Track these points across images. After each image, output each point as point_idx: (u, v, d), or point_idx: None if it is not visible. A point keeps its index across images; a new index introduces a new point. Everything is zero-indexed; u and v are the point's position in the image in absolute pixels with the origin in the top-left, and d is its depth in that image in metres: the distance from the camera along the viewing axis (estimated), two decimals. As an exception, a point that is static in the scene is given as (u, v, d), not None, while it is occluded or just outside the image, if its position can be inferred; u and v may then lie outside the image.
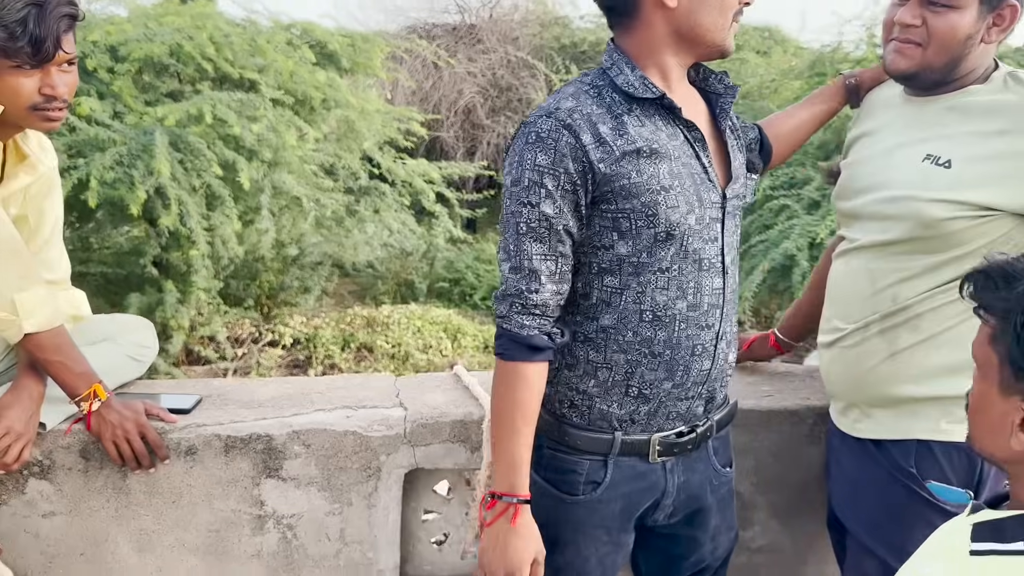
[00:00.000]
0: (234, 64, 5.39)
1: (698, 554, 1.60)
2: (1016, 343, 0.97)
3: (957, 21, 1.49)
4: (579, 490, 1.46)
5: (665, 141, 1.34)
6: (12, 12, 1.48)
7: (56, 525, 1.73)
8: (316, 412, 1.81)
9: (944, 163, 1.51)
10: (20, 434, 1.61)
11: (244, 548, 1.79)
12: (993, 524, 1.01)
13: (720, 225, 1.40)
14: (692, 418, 1.47)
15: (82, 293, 1.85)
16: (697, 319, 1.40)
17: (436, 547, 1.96)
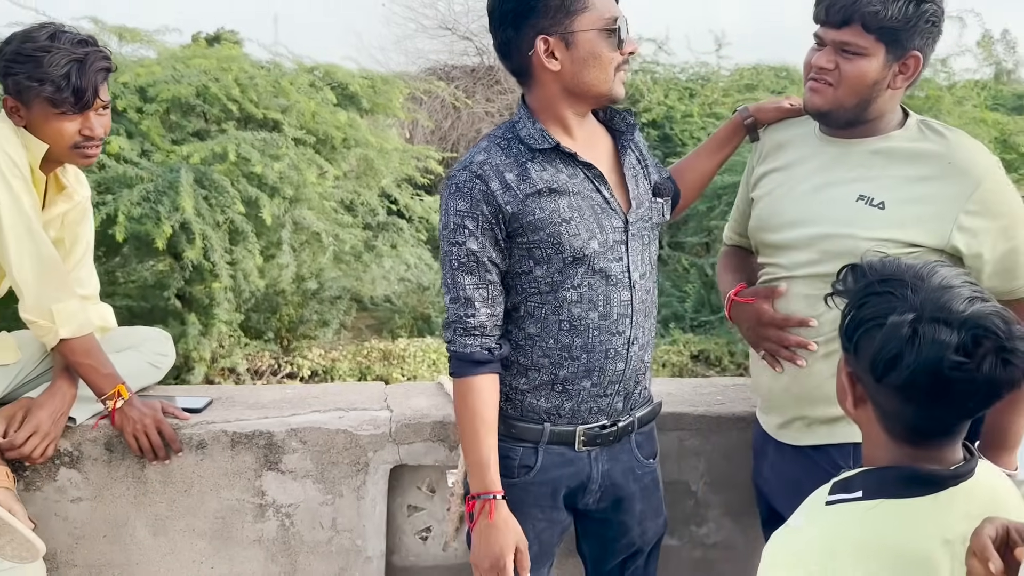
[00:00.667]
0: (258, 105, 5.74)
1: (628, 537, 1.85)
2: (842, 326, 1.23)
3: (865, 67, 1.69)
4: (514, 473, 1.73)
5: (565, 181, 1.63)
6: (58, 68, 1.82)
7: (82, 509, 2.02)
8: (312, 413, 2.10)
9: (878, 204, 1.71)
10: (47, 433, 1.91)
11: (247, 534, 2.07)
12: (844, 481, 1.26)
13: (624, 246, 1.68)
14: (613, 413, 1.74)
15: (109, 307, 2.17)
16: (608, 327, 1.67)
17: (420, 540, 2.22)
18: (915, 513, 1.18)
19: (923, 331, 1.11)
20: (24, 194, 1.86)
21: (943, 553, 1.16)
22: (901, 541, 1.16)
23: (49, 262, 1.91)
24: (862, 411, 1.24)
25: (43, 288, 1.90)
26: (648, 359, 1.78)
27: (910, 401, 1.16)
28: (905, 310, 1.13)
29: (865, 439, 1.27)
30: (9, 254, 1.85)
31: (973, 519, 1.13)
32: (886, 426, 1.21)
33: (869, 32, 1.66)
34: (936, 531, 1.17)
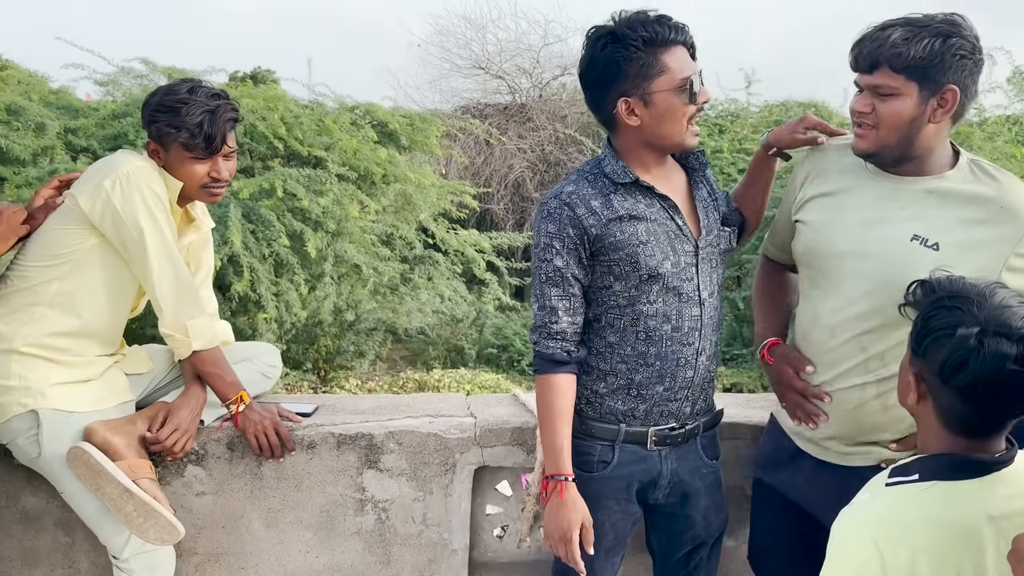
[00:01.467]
0: (303, 142, 6.16)
1: (694, 530, 2.19)
2: (914, 333, 1.55)
3: (900, 106, 1.84)
4: (593, 468, 2.08)
5: (643, 209, 1.99)
6: (193, 117, 2.21)
7: (205, 502, 2.38)
8: (406, 418, 2.45)
9: (932, 245, 1.86)
10: (186, 430, 2.27)
11: (348, 526, 2.42)
12: (902, 466, 1.57)
13: (695, 268, 2.03)
14: (681, 417, 2.08)
15: (228, 324, 2.53)
16: (679, 338, 2.02)
17: (498, 537, 2.56)
18: (964, 493, 1.46)
19: (988, 343, 1.39)
20: (165, 225, 2.24)
21: (988, 527, 1.44)
22: (952, 516, 1.45)
23: (185, 284, 2.28)
24: (923, 406, 1.52)
25: (180, 306, 2.26)
26: (714, 369, 2.13)
27: (969, 401, 1.44)
28: (972, 323, 1.41)
29: (921, 430, 1.56)
30: (152, 276, 2.22)
31: (1014, 499, 1.46)
32: (943, 420, 1.50)
33: (898, 73, 1.82)
34: (982, 509, 1.45)
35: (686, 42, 1.97)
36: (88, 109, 6.11)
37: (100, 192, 2.17)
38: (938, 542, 1.43)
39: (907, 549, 1.42)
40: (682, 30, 1.95)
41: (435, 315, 7.04)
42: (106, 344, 2.32)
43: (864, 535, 1.45)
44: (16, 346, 2.18)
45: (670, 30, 1.93)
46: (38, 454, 2.18)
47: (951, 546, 1.43)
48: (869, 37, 1.87)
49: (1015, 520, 1.47)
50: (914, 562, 1.41)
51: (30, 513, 2.35)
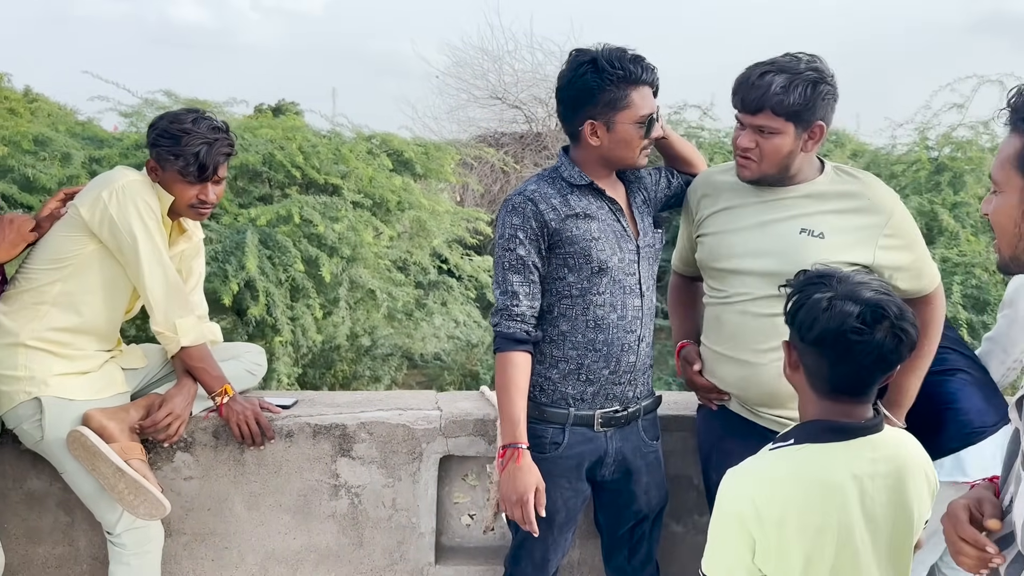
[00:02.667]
0: (320, 171, 6.49)
1: (636, 505, 2.44)
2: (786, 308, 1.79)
3: (779, 143, 2.20)
4: (545, 449, 2.34)
5: (595, 210, 2.30)
6: (191, 147, 2.53)
7: (192, 486, 2.66)
8: (377, 411, 2.73)
9: (818, 235, 2.23)
10: (179, 415, 2.57)
11: (323, 510, 2.69)
12: (784, 434, 1.82)
13: (636, 264, 2.32)
14: (625, 400, 2.35)
15: (216, 325, 2.83)
16: (624, 326, 2.31)
17: (465, 524, 2.81)
18: (830, 454, 1.72)
19: (835, 304, 1.67)
20: (156, 233, 2.55)
21: (852, 485, 1.69)
22: (818, 473, 1.71)
23: (174, 285, 2.59)
24: (797, 375, 1.78)
25: (169, 306, 2.57)
26: (651, 356, 2.41)
27: (823, 357, 1.69)
28: (826, 291, 1.70)
29: (800, 400, 1.81)
30: (144, 278, 2.53)
31: (876, 463, 1.70)
32: (812, 384, 1.75)
33: (778, 116, 2.17)
34: (846, 468, 1.70)
35: (653, 83, 2.29)
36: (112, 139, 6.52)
37: (99, 203, 2.49)
38: (805, 495, 1.68)
39: (778, 502, 1.66)
40: (652, 71, 2.28)
41: (450, 340, 7.31)
42: (103, 340, 2.63)
43: (743, 491, 1.70)
44: (22, 340, 2.50)
45: (642, 71, 2.25)
46: (41, 438, 2.49)
47: (816, 499, 1.67)
48: (752, 83, 2.19)
49: (876, 480, 1.71)
50: (784, 513, 1.65)
51: (34, 495, 2.65)
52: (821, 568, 1.66)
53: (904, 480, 1.73)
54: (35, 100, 7.89)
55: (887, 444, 1.76)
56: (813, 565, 1.65)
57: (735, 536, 1.68)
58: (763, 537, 1.65)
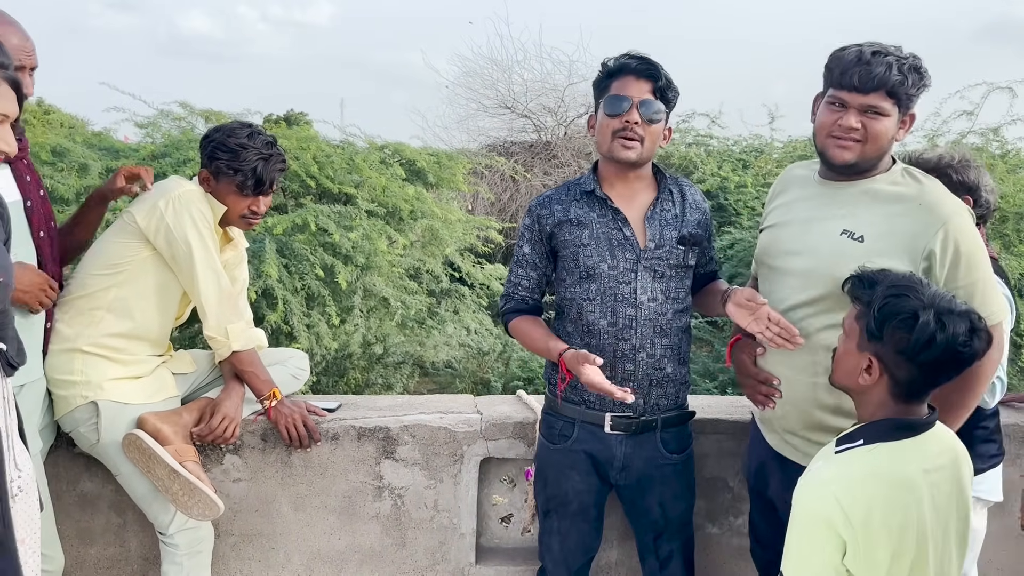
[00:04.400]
0: (334, 180, 6.61)
1: (651, 516, 2.53)
2: (872, 321, 1.87)
3: (888, 124, 2.17)
4: (555, 440, 2.50)
5: (594, 217, 2.44)
6: (249, 163, 2.66)
7: (241, 488, 2.78)
8: (419, 414, 2.85)
9: (858, 238, 2.19)
10: (232, 418, 2.68)
11: (367, 511, 2.80)
12: (846, 435, 1.90)
13: (634, 273, 2.41)
14: (635, 408, 2.43)
15: (262, 331, 2.94)
16: (615, 333, 2.41)
17: (504, 525, 2.92)
18: (903, 451, 1.81)
19: (947, 322, 1.75)
20: (210, 241, 2.67)
21: (923, 479, 1.79)
22: (895, 470, 1.79)
23: (226, 292, 2.71)
24: (874, 384, 1.84)
25: (221, 311, 2.69)
26: (668, 370, 2.44)
27: (925, 372, 1.78)
28: (926, 308, 1.76)
29: (865, 404, 1.88)
30: (198, 285, 2.65)
31: (939, 455, 1.82)
32: (894, 392, 1.83)
33: (890, 97, 2.15)
34: (918, 463, 1.80)
35: (638, 71, 2.41)
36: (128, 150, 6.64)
37: (155, 211, 2.61)
38: (886, 493, 1.76)
39: (863, 501, 1.74)
40: (639, 62, 2.43)
41: (462, 348, 7.42)
42: (155, 345, 2.75)
43: (826, 492, 1.77)
44: (79, 345, 2.61)
45: (630, 61, 2.42)
46: (97, 440, 2.60)
47: (897, 496, 1.76)
48: (868, 61, 2.16)
49: (942, 472, 1.83)
50: (869, 512, 1.74)
51: (87, 496, 2.76)
52: (904, 562, 1.75)
53: (960, 470, 1.85)
54: (49, 111, 8.01)
55: (943, 437, 1.88)
56: (897, 560, 1.74)
57: (824, 540, 1.74)
58: (852, 538, 1.72)
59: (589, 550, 2.59)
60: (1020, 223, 6.02)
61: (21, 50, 2.43)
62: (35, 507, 2.10)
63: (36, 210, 2.52)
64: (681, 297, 2.50)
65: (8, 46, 2.28)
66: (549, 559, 2.58)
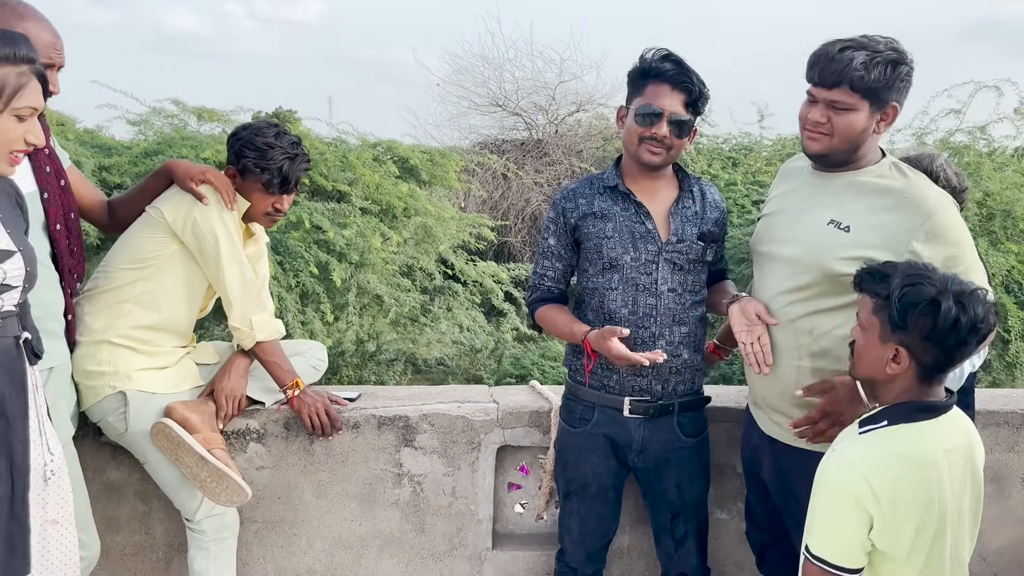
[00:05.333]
0: (327, 178, 6.70)
1: (668, 496, 2.68)
2: (895, 313, 1.96)
3: (854, 119, 2.25)
4: (576, 424, 2.65)
5: (617, 211, 2.58)
6: (275, 162, 2.77)
7: (264, 475, 2.89)
8: (437, 403, 2.97)
9: (844, 228, 2.28)
10: (232, 392, 2.79)
11: (387, 497, 2.92)
12: (869, 417, 2.02)
13: (655, 265, 2.56)
14: (653, 393, 2.59)
15: (281, 323, 3.05)
16: (636, 321, 2.55)
17: (519, 512, 3.05)
18: (924, 431, 1.94)
19: (966, 303, 1.87)
20: (235, 235, 2.78)
21: (944, 458, 1.92)
22: (918, 450, 1.91)
23: (250, 283, 2.82)
24: (900, 370, 1.94)
25: (246, 302, 2.79)
26: (685, 357, 2.59)
27: (947, 350, 1.90)
28: (943, 292, 1.88)
29: (890, 390, 1.98)
30: (224, 277, 2.75)
31: (957, 435, 1.95)
32: (919, 375, 1.94)
33: (856, 92, 2.22)
34: (938, 443, 1.93)
35: (674, 80, 2.53)
36: (121, 147, 6.70)
37: (182, 206, 2.72)
38: (911, 472, 1.89)
39: (889, 479, 1.87)
40: (678, 70, 2.54)
41: (454, 345, 7.54)
42: (180, 337, 2.85)
43: (854, 471, 1.89)
44: (108, 337, 2.71)
45: (668, 68, 2.54)
46: (125, 429, 2.70)
47: (921, 474, 1.90)
48: (831, 56, 2.25)
49: (960, 452, 1.97)
50: (895, 490, 1.87)
51: (113, 485, 2.86)
52: (926, 537, 1.88)
53: (974, 450, 1.99)
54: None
55: (958, 420, 2.01)
56: (920, 535, 1.88)
57: (852, 516, 1.87)
58: (880, 514, 1.85)
59: (607, 532, 2.72)
60: (1007, 220, 6.20)
61: (52, 48, 2.52)
62: (68, 490, 2.21)
63: (53, 201, 2.60)
64: (698, 290, 2.64)
65: (40, 43, 2.39)
66: (568, 540, 2.72)
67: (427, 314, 7.38)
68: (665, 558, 2.75)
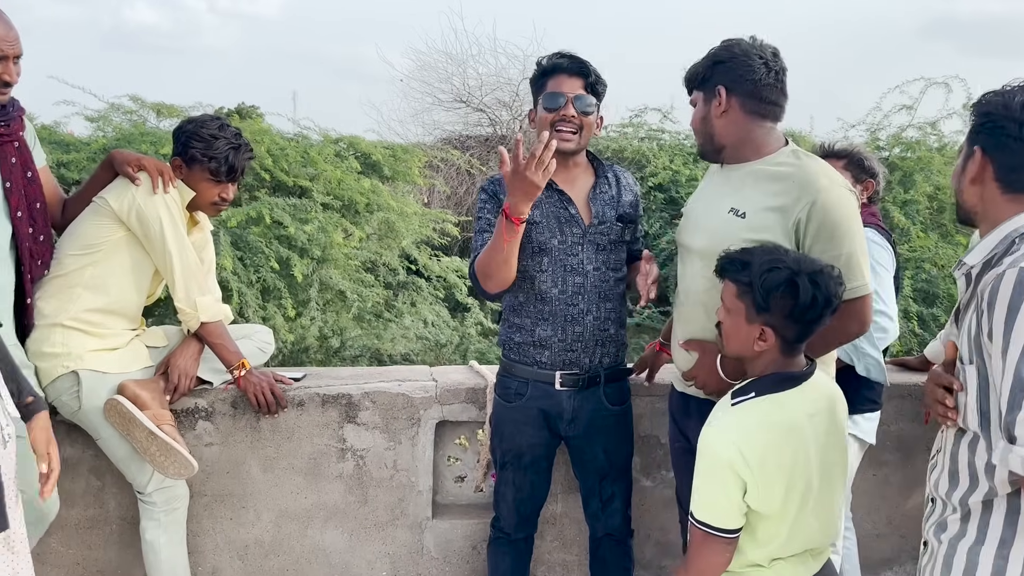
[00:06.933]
0: (288, 173, 6.87)
1: (597, 461, 2.93)
2: (759, 296, 2.18)
3: (696, 113, 2.58)
4: (511, 399, 2.88)
5: (542, 199, 2.77)
6: (221, 151, 2.99)
7: (212, 452, 3.10)
8: (379, 382, 3.20)
9: (741, 214, 2.47)
10: (185, 370, 3.01)
11: (331, 471, 3.14)
12: (740, 389, 2.25)
13: (581, 246, 2.81)
14: (582, 366, 2.83)
15: (228, 307, 3.27)
16: (565, 299, 2.80)
17: (458, 484, 3.28)
18: (789, 400, 2.17)
19: (819, 281, 2.10)
20: (179, 221, 3.00)
21: (807, 423, 2.16)
22: (783, 418, 2.14)
23: (194, 267, 3.03)
24: (766, 346, 2.17)
25: (190, 285, 3.01)
26: (611, 331, 2.85)
27: (806, 325, 2.14)
28: (799, 274, 2.10)
29: (757, 364, 2.21)
30: (169, 259, 2.97)
31: (818, 400, 2.19)
32: (782, 348, 2.18)
33: (692, 90, 2.60)
34: (801, 409, 2.16)
35: (570, 69, 2.82)
36: (79, 144, 6.86)
37: (126, 194, 2.93)
38: (776, 439, 2.11)
39: (758, 447, 2.09)
40: (571, 61, 2.83)
41: (419, 340, 7.74)
42: (129, 320, 3.07)
43: (727, 439, 2.11)
44: (60, 320, 2.92)
45: (562, 60, 2.83)
46: (78, 407, 2.92)
47: (785, 440, 2.12)
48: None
49: (821, 415, 2.19)
50: (764, 456, 2.09)
51: (68, 461, 3.07)
52: (795, 495, 2.11)
53: (835, 410, 2.23)
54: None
55: (819, 384, 2.25)
56: (790, 493, 2.10)
57: (728, 481, 2.07)
58: (751, 478, 2.06)
59: (539, 499, 2.97)
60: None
61: (4, 40, 2.73)
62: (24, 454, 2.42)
63: (15, 191, 2.82)
64: (619, 267, 2.90)
65: None
66: (504, 507, 2.95)
67: (391, 309, 7.59)
68: (592, 520, 2.99)
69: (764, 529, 2.12)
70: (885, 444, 3.35)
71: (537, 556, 3.16)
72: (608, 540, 3.00)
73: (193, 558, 3.09)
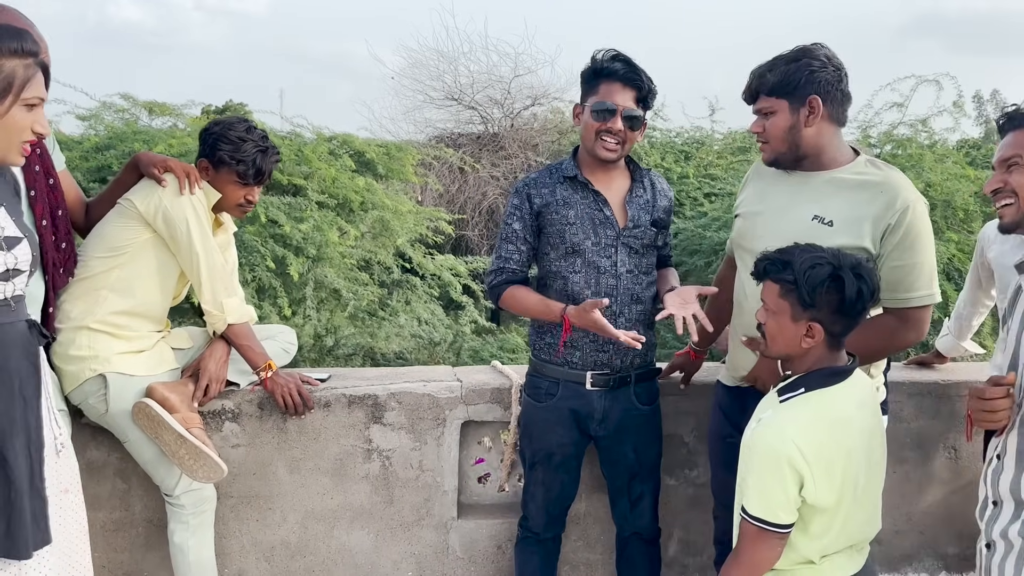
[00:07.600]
0: (283, 172, 6.87)
1: (627, 460, 2.98)
2: (804, 293, 2.23)
3: (777, 121, 2.56)
4: (541, 399, 2.93)
5: (577, 199, 2.86)
6: (249, 154, 3.00)
7: (239, 453, 3.12)
8: (405, 383, 3.23)
9: (828, 222, 2.49)
10: (217, 375, 3.02)
11: (358, 471, 3.17)
12: (786, 386, 2.31)
13: (614, 248, 2.86)
14: (613, 367, 2.88)
15: (252, 308, 3.28)
16: None
17: (481, 484, 3.31)
18: (837, 394, 2.23)
19: (862, 274, 2.17)
20: (205, 222, 3.01)
21: (856, 414, 2.22)
22: (835, 411, 2.20)
23: (220, 269, 3.05)
24: (814, 343, 2.21)
25: (216, 287, 3.02)
26: (642, 332, 2.84)
27: (852, 319, 2.20)
28: (840, 268, 2.16)
29: (804, 361, 2.26)
30: (195, 261, 2.98)
31: (864, 394, 2.24)
32: (828, 343, 2.23)
33: (770, 96, 2.56)
34: (851, 400, 2.23)
35: (624, 78, 2.82)
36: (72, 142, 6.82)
37: (153, 196, 2.94)
38: (830, 432, 2.17)
39: (814, 441, 2.14)
40: (626, 68, 2.82)
41: (413, 339, 7.76)
42: (155, 322, 3.07)
43: (784, 437, 2.15)
44: (87, 323, 2.92)
45: (619, 67, 2.82)
46: (105, 410, 2.92)
47: (839, 433, 2.18)
48: (750, 76, 2.63)
49: (867, 408, 2.25)
50: (820, 450, 2.14)
51: (94, 464, 3.08)
52: (848, 487, 2.17)
53: (875, 403, 2.29)
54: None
55: (862, 378, 2.31)
56: (845, 485, 2.16)
57: (786, 476, 2.12)
58: (808, 472, 2.11)
59: (568, 498, 3.01)
60: (947, 210, 6.58)
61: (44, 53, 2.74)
62: (75, 460, 2.45)
63: (40, 199, 2.82)
64: (650, 271, 2.95)
65: None
66: (533, 507, 2.99)
67: (385, 308, 7.61)
68: (620, 519, 3.04)
69: (818, 523, 2.18)
70: (905, 442, 3.43)
71: (562, 555, 3.20)
72: (636, 539, 3.05)
73: (220, 560, 3.11)
